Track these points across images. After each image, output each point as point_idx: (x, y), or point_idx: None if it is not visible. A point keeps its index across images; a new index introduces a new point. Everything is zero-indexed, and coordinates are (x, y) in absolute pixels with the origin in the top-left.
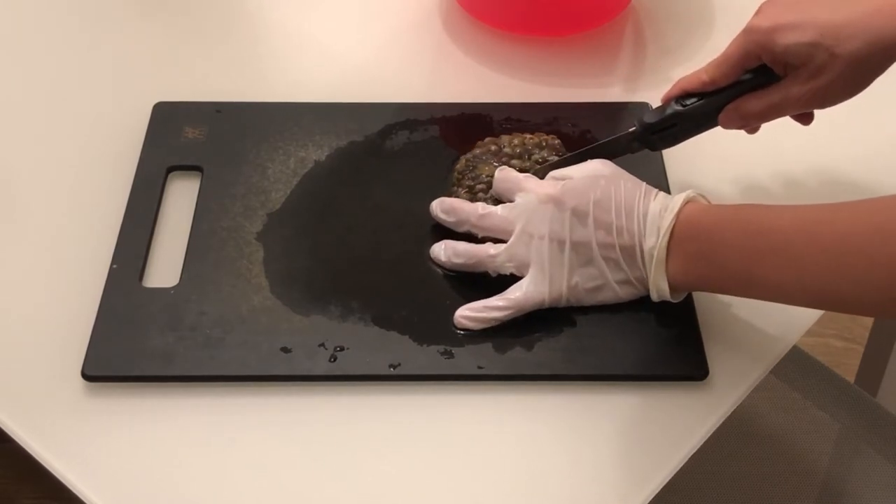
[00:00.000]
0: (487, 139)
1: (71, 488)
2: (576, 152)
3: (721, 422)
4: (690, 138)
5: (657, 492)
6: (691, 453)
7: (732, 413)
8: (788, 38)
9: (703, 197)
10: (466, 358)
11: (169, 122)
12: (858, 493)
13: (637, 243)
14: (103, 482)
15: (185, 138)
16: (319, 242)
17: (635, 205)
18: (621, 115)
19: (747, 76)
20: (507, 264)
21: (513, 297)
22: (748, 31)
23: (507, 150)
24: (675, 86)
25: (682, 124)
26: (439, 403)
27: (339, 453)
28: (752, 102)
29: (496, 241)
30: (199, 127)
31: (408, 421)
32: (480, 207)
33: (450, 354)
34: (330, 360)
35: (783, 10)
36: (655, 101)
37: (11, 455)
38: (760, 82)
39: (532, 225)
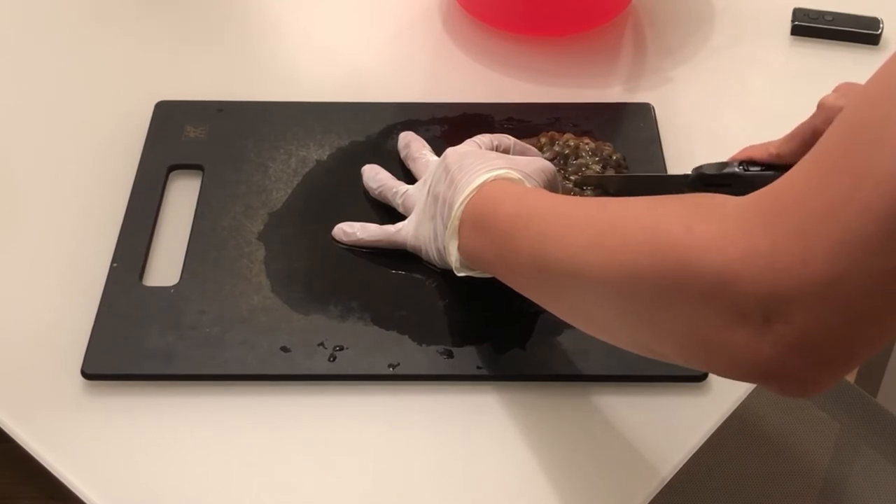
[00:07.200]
0: (551, 133)
1: (71, 488)
2: (620, 175)
3: (721, 422)
4: None
5: (657, 492)
6: (691, 454)
7: (732, 413)
8: None
9: (529, 178)
10: (466, 358)
11: (170, 120)
12: (858, 493)
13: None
14: (103, 482)
15: (187, 137)
16: (320, 242)
17: (477, 171)
18: (622, 116)
19: None
20: (400, 200)
21: (389, 228)
22: (820, 107)
23: (556, 148)
24: (742, 151)
25: (737, 187)
26: (439, 403)
27: (339, 452)
28: None
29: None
30: (201, 126)
31: (407, 421)
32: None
33: (449, 354)
34: (329, 360)
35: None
36: (656, 102)
37: (11, 455)
38: None
39: (428, 175)
